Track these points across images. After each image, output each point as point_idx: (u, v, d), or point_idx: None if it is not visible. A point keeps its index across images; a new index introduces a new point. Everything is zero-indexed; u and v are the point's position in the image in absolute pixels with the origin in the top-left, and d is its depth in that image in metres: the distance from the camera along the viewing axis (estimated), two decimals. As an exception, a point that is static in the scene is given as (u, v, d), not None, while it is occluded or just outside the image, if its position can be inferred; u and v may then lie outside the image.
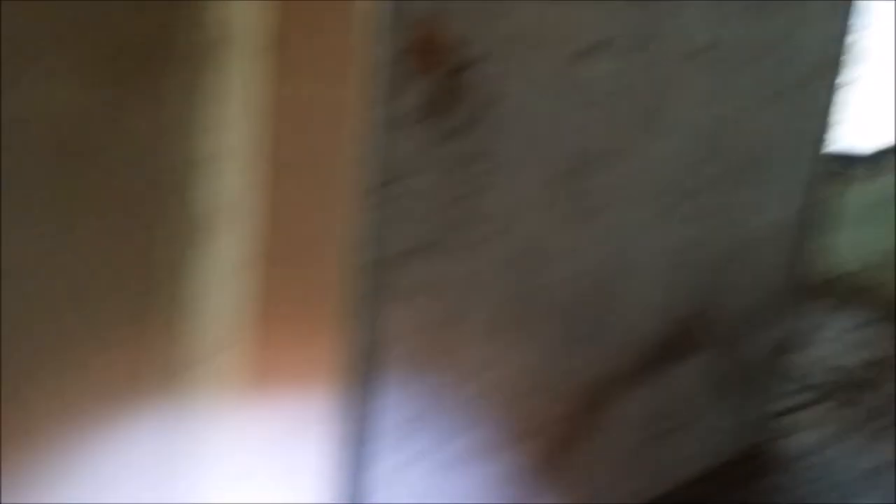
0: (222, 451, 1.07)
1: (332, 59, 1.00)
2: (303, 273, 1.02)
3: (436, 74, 1.16)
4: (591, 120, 1.48)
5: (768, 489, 2.30)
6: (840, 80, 2.09)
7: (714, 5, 1.65)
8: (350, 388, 1.15)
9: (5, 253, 0.81)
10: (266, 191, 0.93)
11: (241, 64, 0.89)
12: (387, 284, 1.18)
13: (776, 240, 2.11)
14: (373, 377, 1.20)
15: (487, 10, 1.21)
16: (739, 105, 1.82)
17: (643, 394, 1.87)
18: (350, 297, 1.10)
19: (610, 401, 1.78)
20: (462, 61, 1.20)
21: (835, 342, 3.36)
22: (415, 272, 1.22)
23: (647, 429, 1.93)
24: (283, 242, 0.98)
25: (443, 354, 1.34)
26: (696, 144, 1.75)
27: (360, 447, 1.21)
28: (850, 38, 2.06)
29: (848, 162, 3.75)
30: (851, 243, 3.75)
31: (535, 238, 1.45)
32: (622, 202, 1.62)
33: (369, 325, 1.17)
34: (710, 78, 1.71)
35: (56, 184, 0.83)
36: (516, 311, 1.47)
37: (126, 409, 0.96)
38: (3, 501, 0.90)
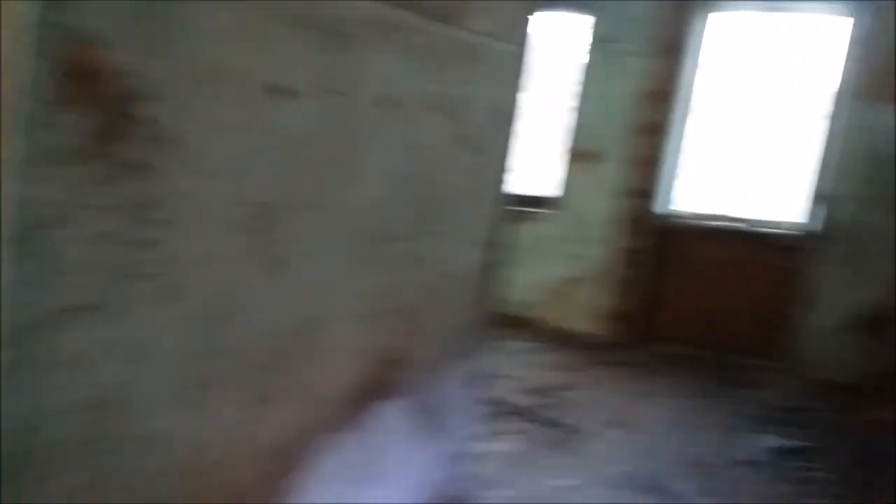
0: None
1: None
2: None
3: (97, 107, 1.00)
4: (281, 165, 1.40)
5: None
6: (513, 132, 2.26)
7: (403, 58, 1.68)
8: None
9: None
10: None
11: None
12: (36, 354, 0.97)
13: (464, 281, 2.21)
14: (26, 464, 0.98)
15: (160, 39, 1.08)
16: (428, 154, 1.87)
17: (345, 443, 1.81)
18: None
19: (313, 454, 1.69)
20: (130, 93, 1.05)
21: (513, 372, 3.65)
22: (73, 337, 1.03)
23: (350, 477, 1.87)
24: None
25: (116, 430, 1.15)
26: (389, 192, 1.76)
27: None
28: (519, 97, 2.25)
29: (520, 205, 4.14)
30: (520, 279, 4.12)
31: (222, 292, 1.32)
32: (316, 250, 1.56)
33: (14, 405, 0.95)
34: (401, 128, 1.74)
35: None
36: (203, 373, 1.32)
37: None
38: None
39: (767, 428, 3.41)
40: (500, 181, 2.25)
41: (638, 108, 4.34)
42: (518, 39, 2.16)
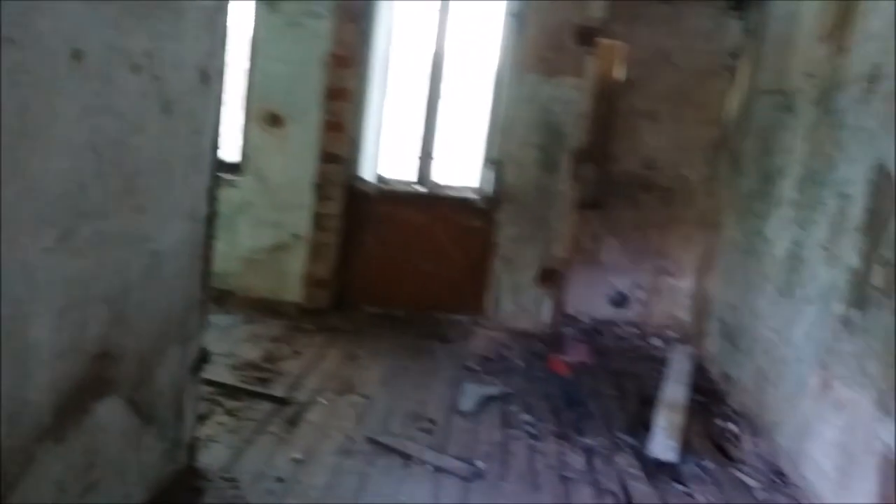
0: None
1: None
2: None
3: None
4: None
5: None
6: (221, 95, 2.11)
7: (96, 8, 1.46)
8: None
9: None
10: None
11: None
12: None
13: (177, 257, 2.02)
14: None
15: None
16: (130, 120, 1.66)
17: (65, 448, 1.59)
18: None
19: (22, 472, 1.45)
20: None
21: (225, 348, 3.46)
22: None
23: (73, 485, 1.64)
24: None
25: None
26: (85, 162, 1.53)
27: None
28: (224, 56, 2.09)
29: (220, 172, 3.88)
30: (221, 249, 3.91)
31: None
32: (3, 234, 1.31)
33: None
34: (97, 89, 1.52)
35: None
36: None
37: None
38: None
39: (474, 379, 3.67)
40: (210, 148, 2.09)
41: (324, 72, 4.31)
42: (218, -6, 2.00)
